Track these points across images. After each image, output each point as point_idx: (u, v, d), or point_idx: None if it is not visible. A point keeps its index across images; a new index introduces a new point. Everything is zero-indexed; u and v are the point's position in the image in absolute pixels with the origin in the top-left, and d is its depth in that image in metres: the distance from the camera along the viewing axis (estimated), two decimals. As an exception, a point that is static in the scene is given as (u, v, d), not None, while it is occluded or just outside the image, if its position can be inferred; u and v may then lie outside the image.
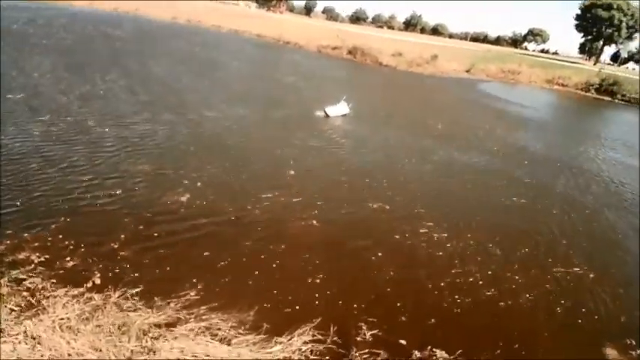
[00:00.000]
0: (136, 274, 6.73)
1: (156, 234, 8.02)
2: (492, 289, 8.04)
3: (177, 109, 16.83)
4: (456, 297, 7.65)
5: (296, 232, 9.04)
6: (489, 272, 8.64)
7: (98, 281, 6.46)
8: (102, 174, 10.16)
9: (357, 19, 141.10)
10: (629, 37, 76.01)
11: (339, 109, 20.30)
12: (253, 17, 74.92)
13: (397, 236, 9.55)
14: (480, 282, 8.24)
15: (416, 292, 7.66)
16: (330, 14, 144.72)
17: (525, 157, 18.30)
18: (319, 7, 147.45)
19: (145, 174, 10.54)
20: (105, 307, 5.83)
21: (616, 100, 46.89)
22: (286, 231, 9.02)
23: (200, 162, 11.85)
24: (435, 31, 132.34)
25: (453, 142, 18.75)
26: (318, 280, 7.43)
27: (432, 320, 6.91)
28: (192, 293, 6.45)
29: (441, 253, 9.10)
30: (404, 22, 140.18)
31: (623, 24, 71.35)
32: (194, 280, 6.77)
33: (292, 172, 12.21)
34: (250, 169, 12.06)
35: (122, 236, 7.70)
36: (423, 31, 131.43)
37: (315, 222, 9.51)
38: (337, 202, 10.73)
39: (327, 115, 19.73)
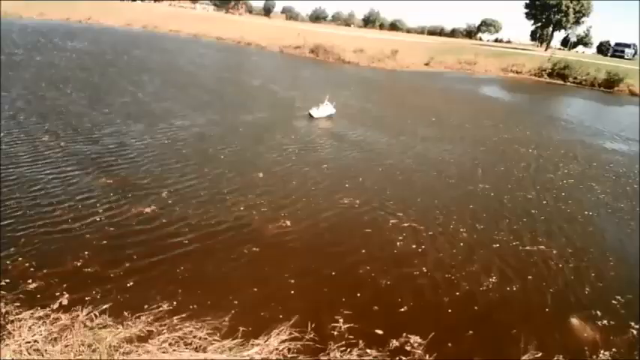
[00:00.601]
0: (104, 291, 6.55)
1: (121, 248, 7.81)
2: (460, 272, 8.34)
3: (144, 120, 16.37)
4: (426, 282, 7.89)
5: (270, 235, 9.03)
6: (456, 256, 8.96)
7: (65, 302, 6.27)
8: (61, 191, 9.80)
9: (316, 18, 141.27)
10: (577, 22, 79.77)
11: (324, 110, 20.31)
12: (212, 20, 73.53)
13: (368, 230, 9.71)
14: (448, 266, 8.54)
15: (389, 281, 7.81)
16: (289, 14, 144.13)
17: (496, 145, 18.91)
18: (278, 8, 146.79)
19: (108, 188, 10.25)
20: (73, 327, 5.68)
21: (568, 83, 49.16)
22: (260, 234, 8.99)
23: (168, 172, 11.61)
24: (394, 26, 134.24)
25: (426, 134, 19.16)
26: (292, 280, 7.46)
27: (405, 307, 7.10)
28: (164, 305, 6.35)
29: (409, 242, 9.33)
30: (363, 19, 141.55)
31: (571, 9, 74.83)
32: (165, 292, 6.67)
33: (261, 175, 12.16)
34: (221, 176, 11.89)
35: (86, 253, 7.47)
36: (382, 27, 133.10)
37: (288, 223, 9.53)
38: (309, 202, 10.80)
39: (311, 116, 19.70)
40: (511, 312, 7.40)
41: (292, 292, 7.18)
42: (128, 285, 6.80)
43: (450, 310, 7.23)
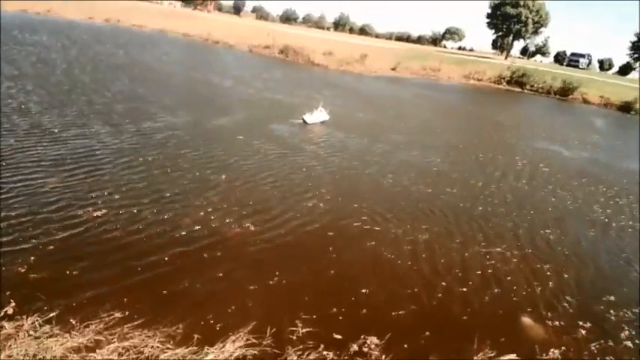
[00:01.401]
0: (51, 298, 6.22)
1: (70, 253, 7.44)
2: (419, 275, 8.51)
3: (108, 120, 15.64)
4: (387, 285, 7.99)
5: (232, 239, 8.87)
6: (417, 259, 9.13)
7: (11, 310, 5.91)
8: (10, 193, 9.23)
9: (287, 19, 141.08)
10: (536, 32, 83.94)
11: (317, 117, 20.44)
12: (179, 16, 71.84)
13: (331, 233, 9.75)
14: (408, 268, 8.69)
15: (350, 285, 7.85)
16: (260, 14, 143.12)
17: (466, 152, 19.42)
18: (248, 7, 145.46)
19: (62, 191, 9.73)
20: (18, 336, 5.39)
21: (525, 91, 51.49)
22: (220, 238, 8.81)
23: (127, 176, 11.12)
24: (363, 31, 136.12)
25: (402, 144, 19.36)
26: (252, 287, 7.35)
27: (365, 310, 7.17)
28: (115, 313, 6.11)
29: (371, 246, 9.44)
30: (333, 23, 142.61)
31: (530, 20, 78.66)
32: (116, 299, 6.41)
33: (224, 177, 11.95)
34: (189, 181, 11.49)
35: (31, 258, 7.07)
36: (351, 31, 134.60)
37: (252, 227, 9.39)
38: (274, 206, 10.69)
39: (305, 122, 19.74)
40: (467, 312, 7.61)
41: (251, 297, 7.07)
42: (77, 292, 6.48)
43: (407, 312, 7.35)
